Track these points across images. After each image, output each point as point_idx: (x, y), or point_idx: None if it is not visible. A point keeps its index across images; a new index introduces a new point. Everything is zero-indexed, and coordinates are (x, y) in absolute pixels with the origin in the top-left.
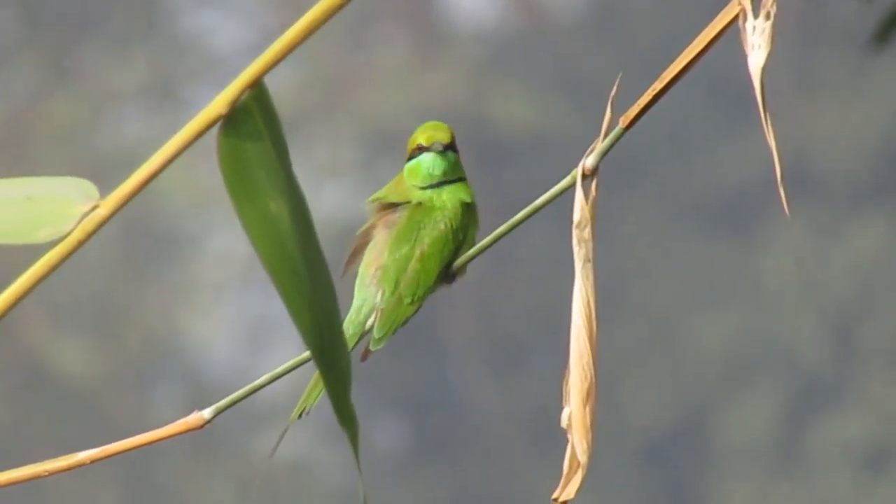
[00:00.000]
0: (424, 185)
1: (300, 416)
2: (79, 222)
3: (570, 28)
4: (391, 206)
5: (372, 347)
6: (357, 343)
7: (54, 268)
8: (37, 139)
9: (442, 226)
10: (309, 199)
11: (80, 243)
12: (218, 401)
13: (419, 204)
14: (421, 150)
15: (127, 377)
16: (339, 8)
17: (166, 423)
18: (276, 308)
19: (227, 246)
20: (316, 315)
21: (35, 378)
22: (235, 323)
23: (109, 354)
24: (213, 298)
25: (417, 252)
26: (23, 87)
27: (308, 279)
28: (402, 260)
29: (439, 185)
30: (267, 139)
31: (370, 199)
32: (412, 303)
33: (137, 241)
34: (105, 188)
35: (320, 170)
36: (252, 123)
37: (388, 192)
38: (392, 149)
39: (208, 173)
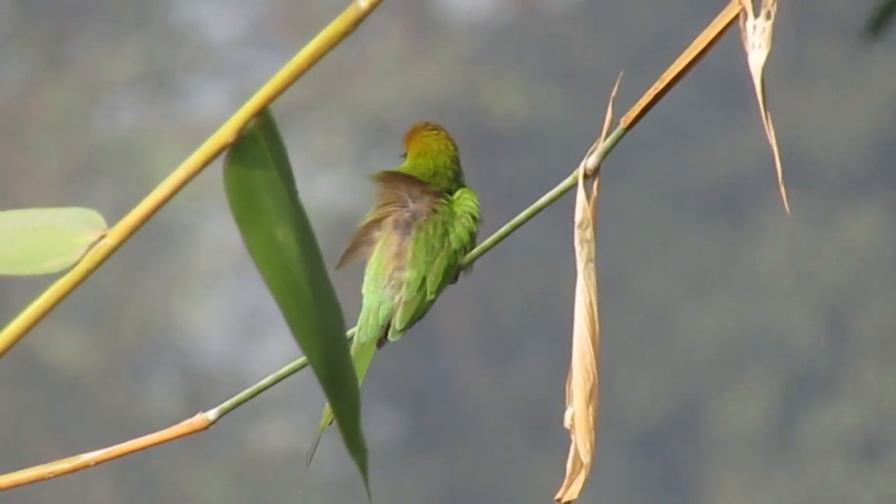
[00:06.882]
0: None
1: (329, 424)
2: (86, 252)
3: (564, 18)
4: (395, 200)
5: (391, 338)
6: (375, 347)
7: (62, 297)
8: (30, 129)
9: (465, 220)
10: (303, 190)
11: (89, 272)
12: (213, 391)
13: (438, 196)
14: None
15: (122, 366)
16: (344, 36)
17: (161, 413)
18: (271, 298)
19: (222, 236)
20: (323, 342)
21: (29, 368)
22: (230, 312)
23: (104, 344)
24: (209, 288)
25: (444, 250)
26: (16, 76)
27: (315, 306)
28: (431, 255)
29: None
30: (273, 167)
31: (374, 174)
32: (434, 299)
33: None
34: (98, 179)
35: (314, 160)
36: (258, 151)
37: (420, 168)
38: (386, 139)
39: None
